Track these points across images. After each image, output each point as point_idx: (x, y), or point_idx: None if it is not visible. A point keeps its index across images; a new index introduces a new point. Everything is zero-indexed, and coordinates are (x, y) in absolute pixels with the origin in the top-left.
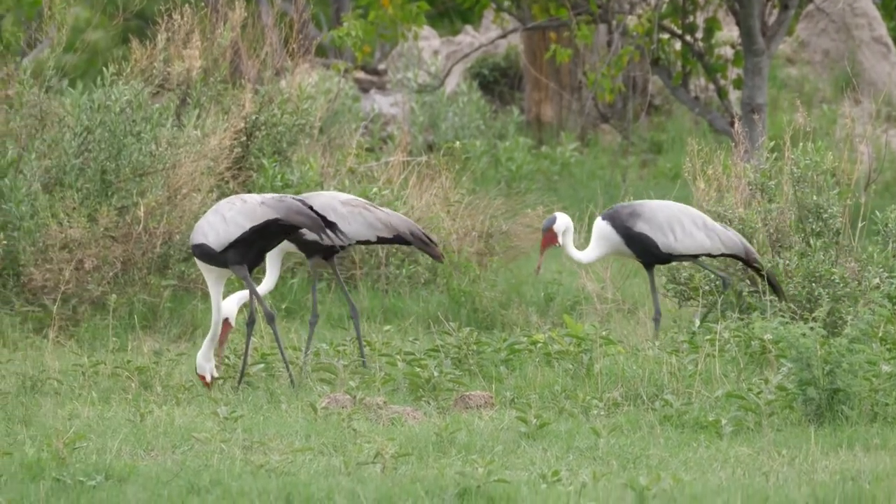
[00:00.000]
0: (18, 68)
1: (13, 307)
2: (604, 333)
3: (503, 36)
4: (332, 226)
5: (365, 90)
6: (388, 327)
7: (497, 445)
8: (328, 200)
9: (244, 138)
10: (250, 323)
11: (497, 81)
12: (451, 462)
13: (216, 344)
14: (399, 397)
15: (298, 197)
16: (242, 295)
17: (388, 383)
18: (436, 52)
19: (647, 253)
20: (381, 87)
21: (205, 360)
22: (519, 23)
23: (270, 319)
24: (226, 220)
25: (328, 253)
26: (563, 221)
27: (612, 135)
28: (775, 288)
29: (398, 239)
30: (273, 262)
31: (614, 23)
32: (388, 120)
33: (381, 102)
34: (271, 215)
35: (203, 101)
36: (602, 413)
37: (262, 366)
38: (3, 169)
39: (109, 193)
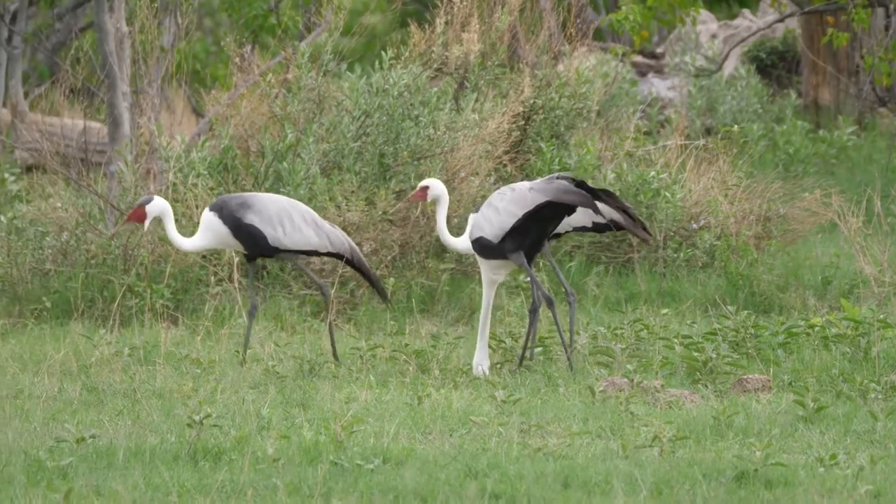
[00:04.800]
0: (296, 52)
1: (291, 291)
2: (881, 317)
3: (781, 20)
4: (610, 195)
5: (642, 74)
6: (665, 310)
7: (774, 429)
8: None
9: (522, 122)
10: (533, 310)
11: (774, 65)
12: (728, 445)
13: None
14: (676, 380)
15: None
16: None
17: (666, 366)
18: (713, 36)
19: (254, 245)
20: (659, 71)
21: (482, 360)
22: (796, 6)
23: (550, 304)
24: (499, 210)
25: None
26: (158, 205)
27: (889, 119)
28: (378, 290)
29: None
30: None
31: (892, 6)
32: (665, 104)
33: (658, 86)
34: (541, 199)
35: (481, 85)
36: (880, 396)
37: (540, 349)
38: (282, 153)
39: (387, 177)
